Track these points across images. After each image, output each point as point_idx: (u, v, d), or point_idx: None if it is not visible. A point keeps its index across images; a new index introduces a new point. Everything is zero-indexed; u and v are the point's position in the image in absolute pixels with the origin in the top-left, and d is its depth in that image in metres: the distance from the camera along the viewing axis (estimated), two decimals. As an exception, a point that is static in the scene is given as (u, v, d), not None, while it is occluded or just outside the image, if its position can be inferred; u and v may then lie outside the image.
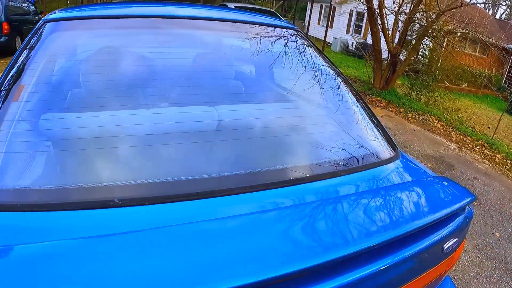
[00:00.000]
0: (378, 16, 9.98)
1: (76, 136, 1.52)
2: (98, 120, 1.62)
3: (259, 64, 2.32)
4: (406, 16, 9.74)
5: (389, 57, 10.40)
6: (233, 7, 14.34)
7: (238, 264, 0.98)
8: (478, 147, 7.57)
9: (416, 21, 9.94)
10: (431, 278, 1.54)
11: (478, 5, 11.96)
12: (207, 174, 1.42)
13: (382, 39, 10.26)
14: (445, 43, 10.41)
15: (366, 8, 10.21)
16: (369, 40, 11.26)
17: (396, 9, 9.90)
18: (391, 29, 10.34)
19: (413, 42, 10.41)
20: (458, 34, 11.16)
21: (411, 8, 9.64)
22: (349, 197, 1.44)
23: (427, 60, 11.12)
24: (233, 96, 1.98)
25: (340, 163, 1.64)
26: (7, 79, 1.68)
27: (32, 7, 13.05)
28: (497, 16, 33.71)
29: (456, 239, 1.51)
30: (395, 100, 9.98)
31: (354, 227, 1.21)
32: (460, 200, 1.51)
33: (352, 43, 19.90)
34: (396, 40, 10.46)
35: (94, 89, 1.84)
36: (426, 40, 10.53)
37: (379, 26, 10.13)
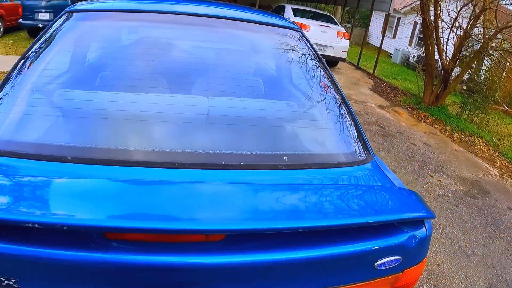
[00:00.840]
0: (434, 29, 9.57)
1: (85, 107, 1.84)
2: (103, 96, 1.94)
3: (254, 60, 2.48)
4: (462, 31, 9.27)
5: (442, 72, 9.94)
6: (291, 9, 14.32)
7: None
8: (523, 176, 7.07)
9: (473, 36, 9.43)
10: None
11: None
12: (176, 149, 1.67)
13: (437, 53, 9.84)
14: (507, 64, 9.82)
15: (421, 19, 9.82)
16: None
17: (452, 22, 9.43)
18: (447, 43, 9.88)
19: (468, 59, 9.90)
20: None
21: (469, 23, 9.18)
22: (290, 187, 1.52)
23: (482, 79, 10.53)
24: (221, 88, 2.12)
25: (303, 158, 1.78)
26: (29, 57, 2.00)
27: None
28: None
29: (397, 258, 1.44)
30: (443, 117, 9.53)
31: (275, 210, 1.31)
32: (406, 213, 1.46)
33: (414, 56, 19.28)
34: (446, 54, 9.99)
35: (101, 71, 2.14)
36: (485, 58, 9.98)
37: (433, 39, 9.71)
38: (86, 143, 1.61)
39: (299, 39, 2.50)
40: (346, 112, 2.08)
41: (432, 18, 9.58)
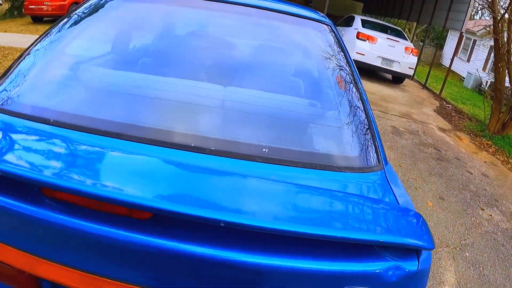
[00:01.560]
0: (506, 52, 8.90)
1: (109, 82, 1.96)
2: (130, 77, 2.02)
3: (275, 51, 2.41)
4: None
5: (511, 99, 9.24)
6: (360, 20, 13.95)
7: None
8: None
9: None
10: None
11: None
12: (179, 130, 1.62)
13: (508, 78, 9.17)
14: None
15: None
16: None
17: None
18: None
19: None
20: None
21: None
22: (277, 184, 1.41)
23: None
24: (239, 78, 2.09)
25: (307, 157, 1.64)
26: (63, 32, 2.08)
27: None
28: None
29: None
30: (507, 148, 8.83)
31: (216, 199, 1.22)
32: (393, 235, 1.22)
33: (486, 81, 18.28)
34: None
35: (131, 51, 2.26)
36: None
37: (505, 62, 9.03)
38: (69, 110, 1.67)
39: (328, 33, 2.39)
40: (361, 114, 1.92)
41: (506, 39, 8.94)
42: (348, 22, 14.97)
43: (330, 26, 2.44)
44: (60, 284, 1.29)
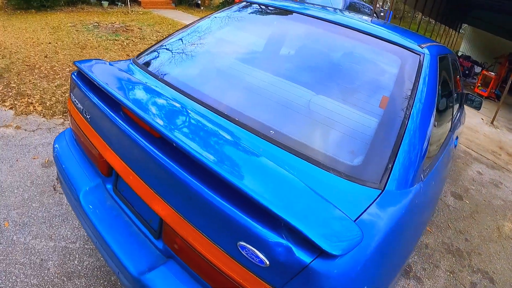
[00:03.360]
0: None
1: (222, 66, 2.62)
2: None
3: (359, 71, 2.44)
4: None
5: None
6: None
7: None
8: None
9: None
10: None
11: None
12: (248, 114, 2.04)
13: None
14: None
15: None
16: None
17: None
18: None
19: None
20: None
21: None
22: (257, 156, 1.66)
23: None
24: (320, 87, 2.35)
25: (305, 149, 1.82)
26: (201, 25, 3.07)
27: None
28: None
29: (260, 257, 1.36)
30: None
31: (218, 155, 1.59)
32: (298, 222, 1.26)
33: None
34: None
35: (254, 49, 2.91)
36: None
37: None
38: (187, 81, 2.36)
39: (410, 62, 2.27)
40: (391, 136, 1.88)
41: None
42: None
43: (421, 56, 2.29)
44: (113, 168, 2.02)
